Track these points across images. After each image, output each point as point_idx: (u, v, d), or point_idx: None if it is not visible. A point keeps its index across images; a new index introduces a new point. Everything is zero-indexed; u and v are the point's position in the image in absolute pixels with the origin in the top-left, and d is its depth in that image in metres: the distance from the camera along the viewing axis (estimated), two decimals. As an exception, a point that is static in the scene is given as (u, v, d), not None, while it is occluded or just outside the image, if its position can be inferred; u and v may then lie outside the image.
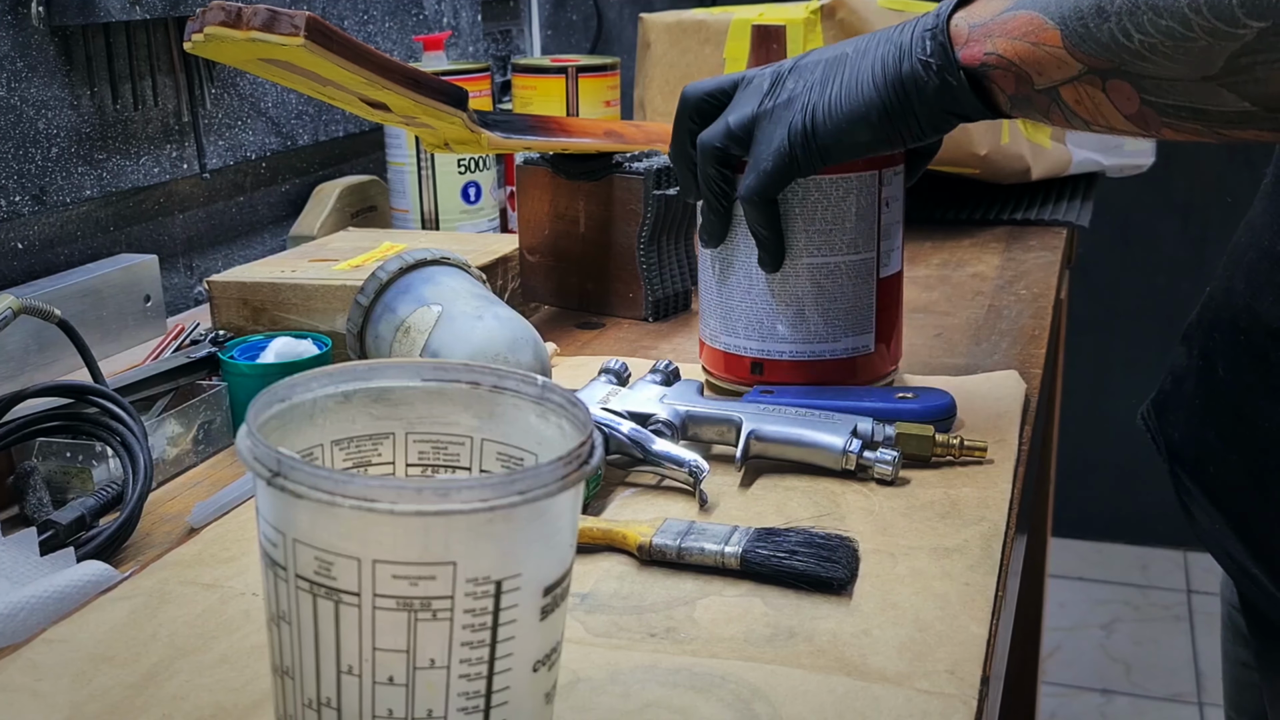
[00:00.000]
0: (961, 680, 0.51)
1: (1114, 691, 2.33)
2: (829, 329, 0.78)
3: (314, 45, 0.76)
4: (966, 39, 0.66)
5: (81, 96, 1.02)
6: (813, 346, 0.78)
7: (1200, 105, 0.58)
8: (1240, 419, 0.71)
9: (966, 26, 0.66)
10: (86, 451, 0.69)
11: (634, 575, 0.60)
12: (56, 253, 1.03)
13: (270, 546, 0.40)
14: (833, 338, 0.78)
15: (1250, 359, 0.71)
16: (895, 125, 0.68)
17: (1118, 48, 0.59)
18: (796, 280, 0.77)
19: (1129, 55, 0.58)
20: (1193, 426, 0.77)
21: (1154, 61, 0.58)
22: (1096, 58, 0.60)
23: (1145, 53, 0.58)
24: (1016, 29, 0.63)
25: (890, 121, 0.68)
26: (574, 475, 0.40)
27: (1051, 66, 0.62)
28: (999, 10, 0.65)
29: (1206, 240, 2.62)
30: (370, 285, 0.78)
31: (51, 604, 0.57)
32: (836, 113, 0.69)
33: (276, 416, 0.44)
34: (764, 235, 0.75)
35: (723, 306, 0.81)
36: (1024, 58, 0.63)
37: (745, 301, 0.79)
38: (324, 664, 0.40)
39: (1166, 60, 0.57)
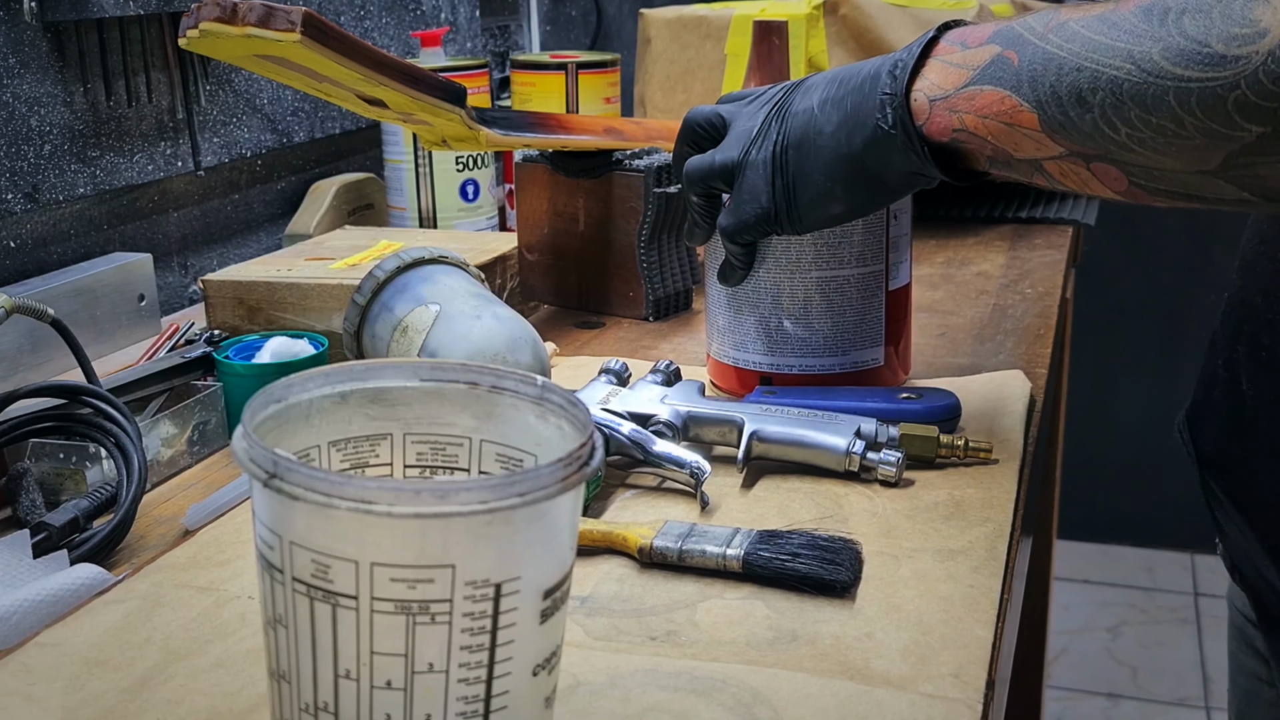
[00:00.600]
0: (966, 684, 0.51)
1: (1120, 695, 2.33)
2: (838, 341, 0.79)
3: (310, 41, 0.76)
4: (929, 114, 0.63)
5: (74, 93, 1.02)
6: (822, 360, 0.79)
7: (1195, 193, 0.55)
8: (1266, 435, 0.71)
9: (926, 101, 0.63)
10: (80, 453, 0.69)
11: (634, 578, 0.60)
12: (49, 251, 1.03)
13: (266, 549, 0.40)
14: (841, 350, 0.79)
15: (1272, 375, 0.70)
16: (865, 195, 0.68)
17: (1103, 139, 0.55)
18: (806, 293, 0.78)
19: (1115, 146, 0.55)
20: (1221, 438, 0.76)
21: (1143, 154, 0.55)
22: (1079, 144, 0.57)
23: (1133, 145, 0.54)
24: (986, 107, 0.60)
25: (858, 194, 0.68)
26: (574, 477, 0.40)
27: (1029, 146, 0.59)
28: (960, 82, 0.62)
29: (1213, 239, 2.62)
30: (367, 284, 0.78)
31: (45, 607, 0.57)
32: (807, 190, 0.69)
33: (272, 417, 0.44)
34: (737, 264, 0.77)
35: (732, 321, 0.81)
36: (998, 135, 0.60)
37: (754, 316, 0.79)
38: (321, 668, 0.40)
39: (1157, 154, 0.54)
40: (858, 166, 0.67)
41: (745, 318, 0.80)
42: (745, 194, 0.72)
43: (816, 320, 0.78)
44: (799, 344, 0.79)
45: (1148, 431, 2.66)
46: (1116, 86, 0.54)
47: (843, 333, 0.79)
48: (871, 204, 0.70)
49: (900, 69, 0.64)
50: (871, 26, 1.23)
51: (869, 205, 0.70)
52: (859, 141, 0.66)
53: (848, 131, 0.67)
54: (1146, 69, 0.52)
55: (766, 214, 0.71)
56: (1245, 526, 0.73)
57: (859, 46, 1.23)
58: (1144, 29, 0.53)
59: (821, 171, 0.68)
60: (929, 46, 0.64)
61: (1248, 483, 0.73)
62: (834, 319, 0.78)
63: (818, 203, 0.69)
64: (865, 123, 0.66)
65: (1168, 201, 0.57)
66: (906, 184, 0.68)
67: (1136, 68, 0.53)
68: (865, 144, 0.66)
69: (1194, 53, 0.51)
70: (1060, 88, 0.56)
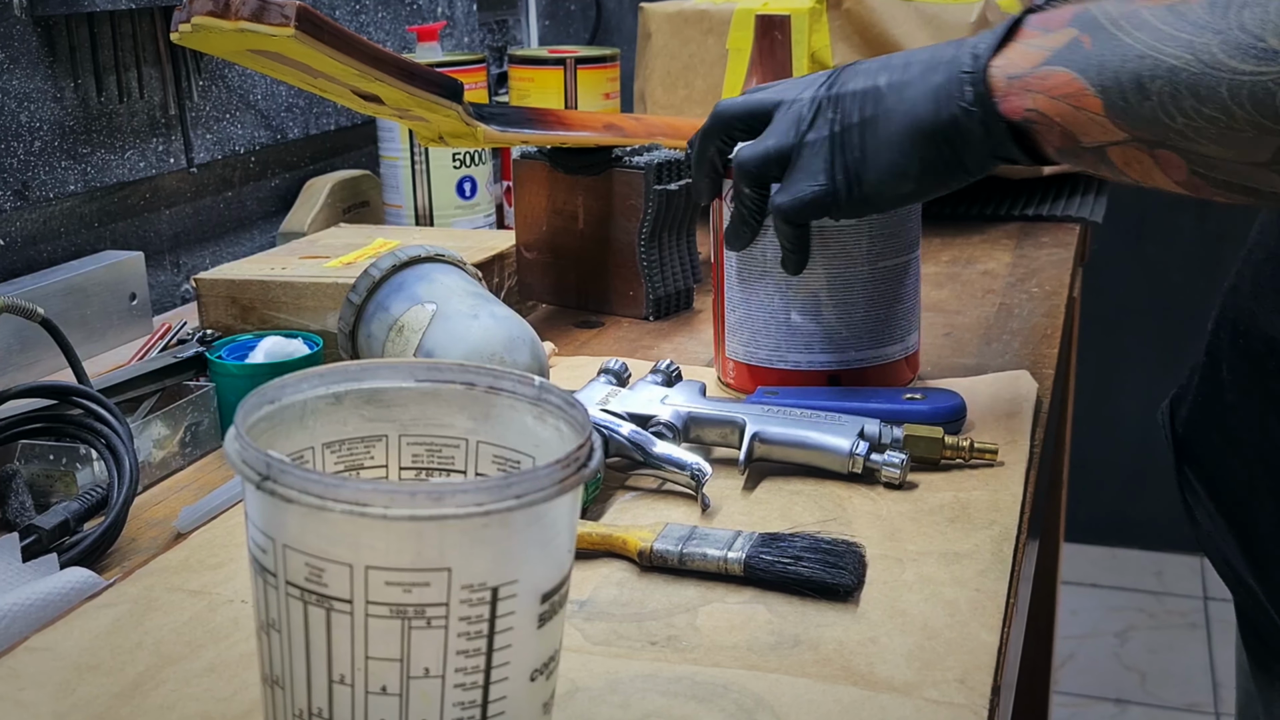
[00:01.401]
0: (971, 690, 0.51)
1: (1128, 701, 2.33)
2: (896, 330, 0.80)
3: (304, 36, 0.76)
4: (1005, 91, 0.64)
5: (65, 89, 1.02)
6: (884, 350, 0.80)
7: (1251, 185, 0.57)
8: (1240, 423, 0.72)
9: (1004, 78, 0.64)
10: (70, 454, 0.69)
11: (634, 582, 0.60)
12: (39, 250, 1.03)
13: (259, 552, 0.40)
14: (897, 339, 0.80)
15: (1248, 364, 0.71)
16: (940, 176, 0.68)
17: (1161, 127, 0.57)
18: (874, 284, 0.78)
19: (1173, 134, 0.57)
20: (1198, 425, 0.77)
21: (1199, 143, 0.56)
22: (1140, 130, 0.59)
23: (1190, 134, 0.56)
24: (1056, 88, 0.62)
25: (934, 174, 0.68)
26: (572, 479, 0.40)
27: (1095, 130, 0.61)
28: (1036, 62, 0.63)
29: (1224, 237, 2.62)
30: (362, 283, 0.78)
31: (34, 611, 0.57)
32: (877, 167, 0.69)
33: (266, 418, 0.44)
34: (791, 247, 0.75)
35: (788, 326, 0.79)
36: (1066, 118, 0.62)
37: (815, 318, 0.79)
38: (315, 673, 0.40)
39: (1212, 144, 0.56)
40: (938, 145, 0.67)
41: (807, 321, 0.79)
42: (803, 174, 0.71)
43: (883, 310, 0.79)
44: (867, 338, 0.79)
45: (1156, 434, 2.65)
46: (1175, 76, 0.55)
47: (900, 320, 0.80)
48: (943, 184, 0.69)
49: (982, 48, 0.65)
50: (875, 21, 1.23)
51: (940, 185, 0.69)
52: (943, 118, 0.66)
53: (926, 110, 0.67)
54: (1204, 60, 0.54)
55: (827, 193, 0.70)
56: (1215, 513, 0.74)
57: (863, 42, 1.23)
58: (1208, 21, 0.55)
59: (897, 149, 0.68)
60: (1013, 30, 0.65)
61: (1220, 469, 0.73)
62: (894, 308, 0.79)
63: (888, 182, 0.69)
64: (945, 102, 0.66)
65: (1227, 195, 0.58)
66: (983, 165, 0.67)
67: (1195, 58, 0.54)
68: (947, 122, 0.66)
69: (1249, 46, 0.52)
70: (1123, 74, 0.58)
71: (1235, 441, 0.72)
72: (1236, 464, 0.72)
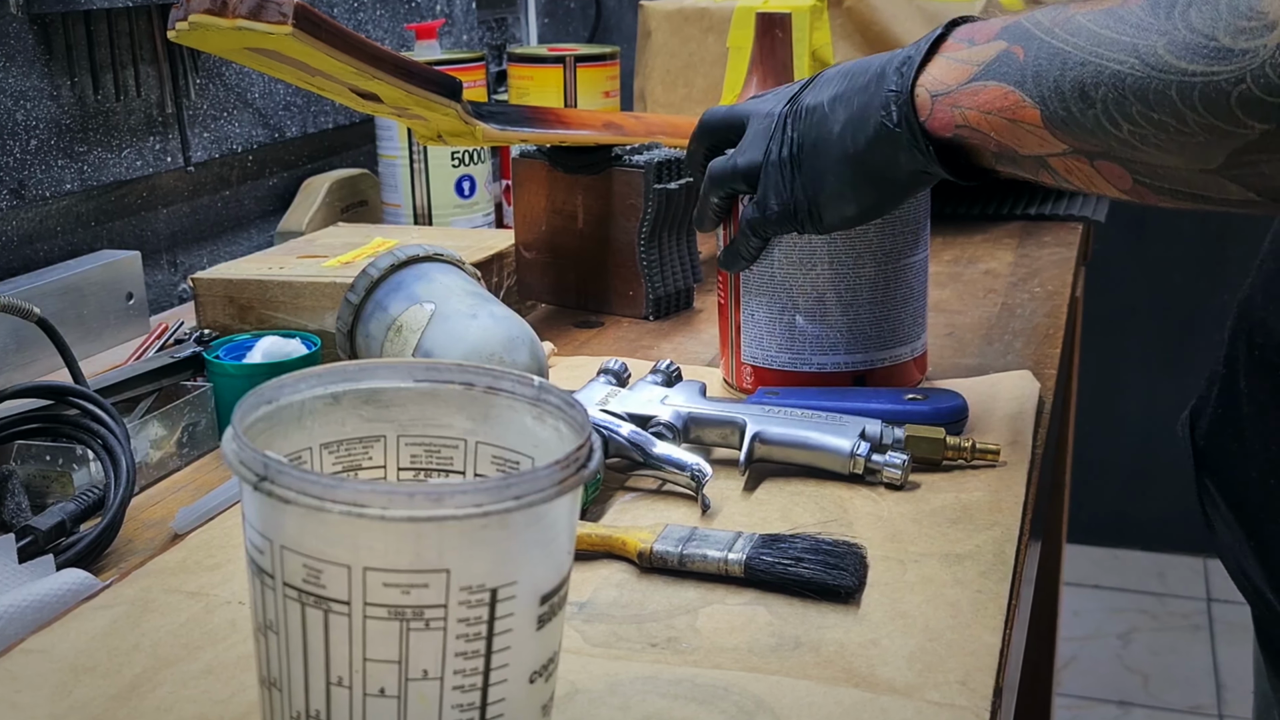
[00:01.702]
0: (973, 691, 0.51)
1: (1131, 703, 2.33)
2: (916, 327, 0.81)
3: (302, 34, 0.76)
4: (931, 109, 0.63)
5: (61, 87, 1.02)
6: (909, 347, 0.80)
7: (1200, 192, 0.55)
8: (1257, 434, 0.71)
9: (929, 96, 0.63)
10: (67, 455, 0.69)
11: (634, 583, 0.60)
12: (35, 249, 1.03)
13: (257, 553, 0.40)
14: (915, 336, 0.81)
15: (1264, 374, 0.71)
16: (875, 195, 0.69)
17: (1104, 134, 0.55)
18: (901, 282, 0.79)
19: (1117, 143, 0.55)
20: (1216, 436, 0.77)
21: (1146, 151, 0.54)
22: (1082, 141, 0.57)
23: (1136, 142, 0.54)
24: (989, 103, 0.60)
25: (868, 193, 0.69)
26: (571, 479, 0.40)
27: (1033, 143, 0.59)
28: (964, 79, 0.62)
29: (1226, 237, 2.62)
30: (361, 282, 0.78)
31: (30, 613, 0.57)
32: (823, 190, 0.70)
33: (263, 419, 0.44)
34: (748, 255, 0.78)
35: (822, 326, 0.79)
36: (1001, 131, 0.60)
37: (847, 316, 0.78)
38: (313, 675, 0.40)
39: (1159, 152, 0.54)
40: (865, 166, 0.67)
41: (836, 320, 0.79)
42: (770, 192, 0.73)
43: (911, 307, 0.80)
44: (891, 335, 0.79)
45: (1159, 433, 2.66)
46: (1119, 81, 0.54)
47: (918, 317, 0.81)
48: (883, 204, 0.71)
49: (907, 66, 0.65)
50: (877, 19, 1.23)
51: (881, 205, 0.71)
52: (863, 140, 0.67)
53: (853, 130, 0.67)
54: (1150, 63, 0.52)
55: (789, 212, 0.72)
56: (1234, 523, 0.74)
57: (864, 40, 1.23)
58: (1150, 22, 0.53)
59: (832, 172, 0.69)
60: (937, 43, 0.65)
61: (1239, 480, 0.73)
62: (915, 305, 0.80)
63: (832, 204, 0.70)
64: (870, 120, 0.66)
65: (1173, 202, 0.57)
66: (914, 182, 0.68)
67: (1140, 62, 0.53)
68: (870, 142, 0.66)
69: (1199, 46, 0.51)
70: (1064, 83, 0.56)
71: (1253, 452, 0.72)
72: (1254, 474, 0.72)
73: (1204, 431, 0.78)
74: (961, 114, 0.62)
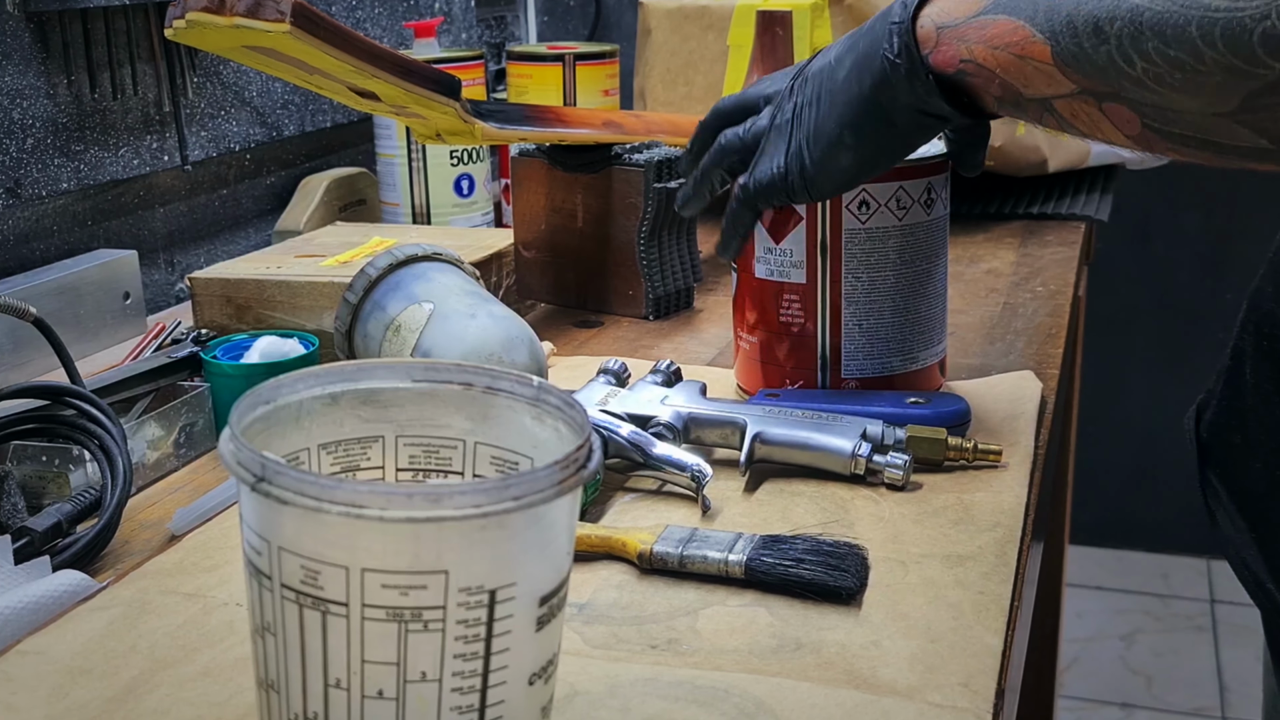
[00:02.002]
0: (975, 694, 0.51)
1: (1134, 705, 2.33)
2: (940, 331, 0.81)
3: (300, 32, 0.76)
4: (936, 41, 0.62)
5: (58, 85, 1.02)
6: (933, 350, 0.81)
7: (1211, 138, 0.54)
8: (1261, 425, 0.71)
9: (934, 28, 0.62)
10: (63, 455, 0.69)
11: (634, 584, 0.60)
12: (32, 248, 1.03)
13: (254, 555, 0.40)
14: (940, 340, 0.81)
15: (1271, 365, 0.71)
16: (873, 143, 0.66)
17: (1116, 73, 0.54)
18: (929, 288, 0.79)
19: (1129, 82, 0.54)
20: (1221, 428, 0.77)
21: (1158, 92, 0.53)
22: (1092, 80, 0.56)
23: (1148, 81, 0.53)
24: (997, 37, 0.59)
25: (868, 141, 0.66)
26: (571, 480, 0.40)
27: (1040, 81, 0.58)
28: (972, 10, 0.60)
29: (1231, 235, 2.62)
30: (359, 282, 0.78)
31: (26, 614, 0.57)
32: (820, 143, 0.67)
33: (261, 419, 0.44)
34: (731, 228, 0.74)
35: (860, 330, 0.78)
36: (1007, 69, 0.59)
37: (933, 309, 0.79)
38: (311, 677, 0.40)
39: (1173, 92, 0.53)
40: (867, 107, 0.65)
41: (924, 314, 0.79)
42: (765, 157, 0.71)
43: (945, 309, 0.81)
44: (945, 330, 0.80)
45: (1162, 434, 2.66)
46: (1137, 16, 0.52)
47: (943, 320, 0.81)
48: (882, 153, 0.68)
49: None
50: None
51: (879, 155, 0.68)
52: (868, 79, 0.64)
53: (858, 72, 0.65)
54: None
55: (780, 175, 0.70)
56: (1237, 515, 0.74)
57: (865, 37, 1.23)
58: None
59: (834, 120, 0.66)
60: None
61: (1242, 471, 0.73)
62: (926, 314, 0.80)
63: (829, 155, 0.67)
64: (873, 57, 0.64)
65: (1180, 150, 0.55)
66: (915, 125, 0.65)
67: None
68: (874, 80, 0.64)
69: None
70: (1077, 17, 0.55)
71: (1257, 443, 0.72)
72: (1258, 466, 0.72)
73: (1209, 424, 0.79)
74: (968, 48, 0.60)
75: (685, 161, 0.79)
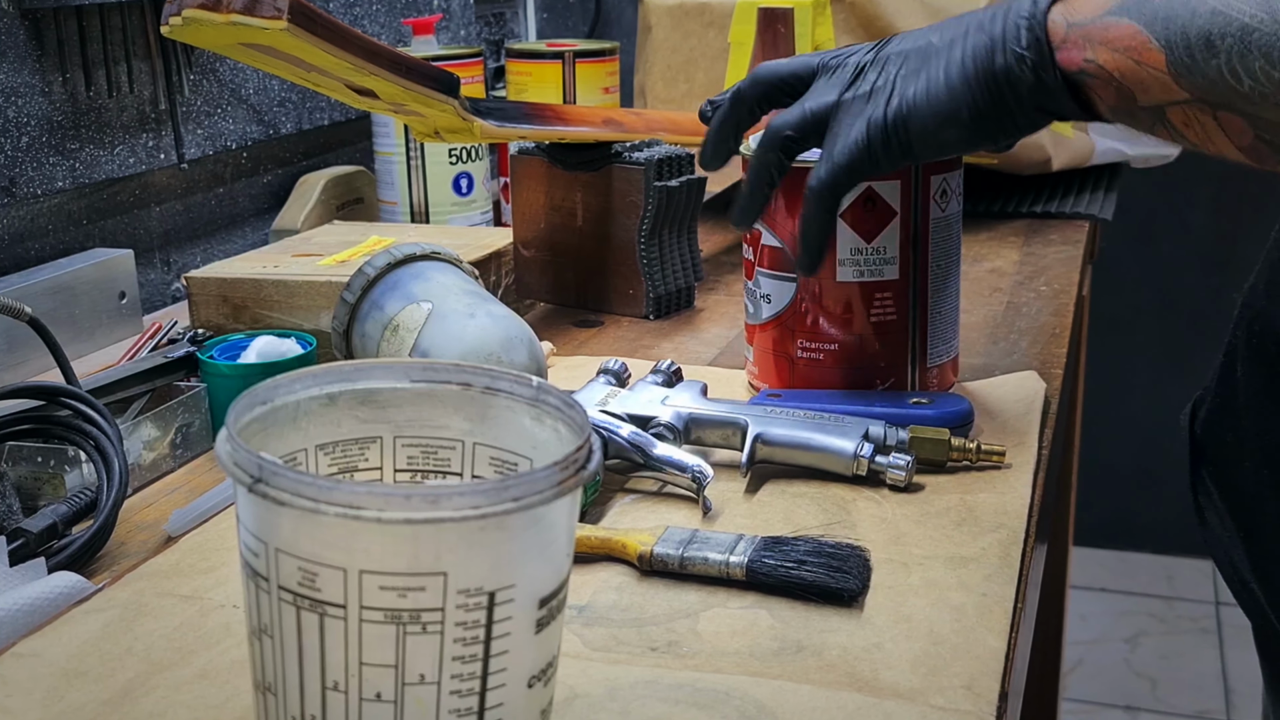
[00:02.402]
0: (979, 696, 0.51)
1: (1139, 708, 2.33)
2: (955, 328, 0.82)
3: (297, 29, 0.76)
4: (1064, 38, 0.62)
5: (53, 83, 1.02)
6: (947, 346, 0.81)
7: None
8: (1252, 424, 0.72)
9: (1065, 24, 0.62)
10: (59, 456, 0.69)
11: (634, 586, 0.60)
12: (27, 247, 1.03)
13: (251, 556, 0.40)
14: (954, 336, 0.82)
15: (1262, 364, 0.71)
16: (987, 123, 0.65)
17: (1226, 88, 0.55)
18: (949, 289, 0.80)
19: (1238, 97, 0.55)
20: (1213, 426, 0.77)
21: (1266, 109, 0.55)
22: (1204, 92, 0.57)
23: (1257, 99, 0.54)
24: (1119, 40, 0.60)
25: (982, 120, 0.65)
26: (571, 481, 0.40)
27: (1156, 88, 0.59)
28: (1100, 11, 0.61)
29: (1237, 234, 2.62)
30: (357, 281, 0.78)
31: (21, 616, 0.57)
32: (924, 109, 0.66)
33: (258, 420, 0.44)
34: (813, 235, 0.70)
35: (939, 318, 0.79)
36: (1125, 74, 0.60)
37: (951, 304, 0.80)
38: (308, 680, 0.40)
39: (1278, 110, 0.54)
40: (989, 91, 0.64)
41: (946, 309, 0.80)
42: (839, 135, 0.68)
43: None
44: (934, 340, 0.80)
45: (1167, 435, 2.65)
46: (1246, 34, 0.53)
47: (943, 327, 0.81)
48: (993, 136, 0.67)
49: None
50: (880, 14, 1.23)
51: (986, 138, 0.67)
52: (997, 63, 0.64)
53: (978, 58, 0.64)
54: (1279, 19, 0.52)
55: (862, 148, 0.67)
56: (1226, 514, 0.74)
57: (867, 35, 1.23)
58: None
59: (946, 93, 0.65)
60: None
61: (1233, 470, 0.73)
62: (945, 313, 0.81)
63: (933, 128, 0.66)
64: (998, 47, 0.64)
65: None
66: (1031, 120, 0.65)
67: (1270, 17, 0.53)
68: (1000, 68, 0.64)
69: None
70: (1191, 29, 0.56)
71: (1247, 443, 0.72)
72: (1248, 465, 0.72)
73: (1203, 421, 0.79)
74: (1092, 49, 0.61)
75: (710, 142, 0.75)
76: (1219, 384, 0.77)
